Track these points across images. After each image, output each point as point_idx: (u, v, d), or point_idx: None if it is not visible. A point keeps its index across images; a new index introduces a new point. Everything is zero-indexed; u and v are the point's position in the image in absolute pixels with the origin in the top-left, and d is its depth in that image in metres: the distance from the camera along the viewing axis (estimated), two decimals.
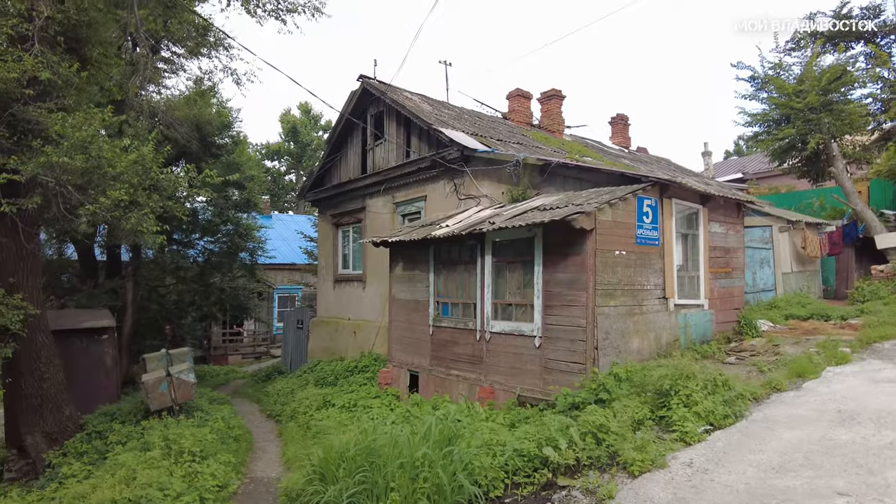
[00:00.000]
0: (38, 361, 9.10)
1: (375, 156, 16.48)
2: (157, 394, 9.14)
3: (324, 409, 10.82)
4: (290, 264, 31.67)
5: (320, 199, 19.05)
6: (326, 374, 14.58)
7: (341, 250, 18.31)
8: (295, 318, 20.01)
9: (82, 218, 8.05)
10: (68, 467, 7.97)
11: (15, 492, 7.50)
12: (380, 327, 15.60)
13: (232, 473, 7.22)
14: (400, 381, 11.90)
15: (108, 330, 11.29)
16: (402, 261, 12.16)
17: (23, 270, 9.05)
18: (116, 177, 8.26)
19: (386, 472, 5.24)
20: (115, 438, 8.59)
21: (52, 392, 9.23)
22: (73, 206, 8.39)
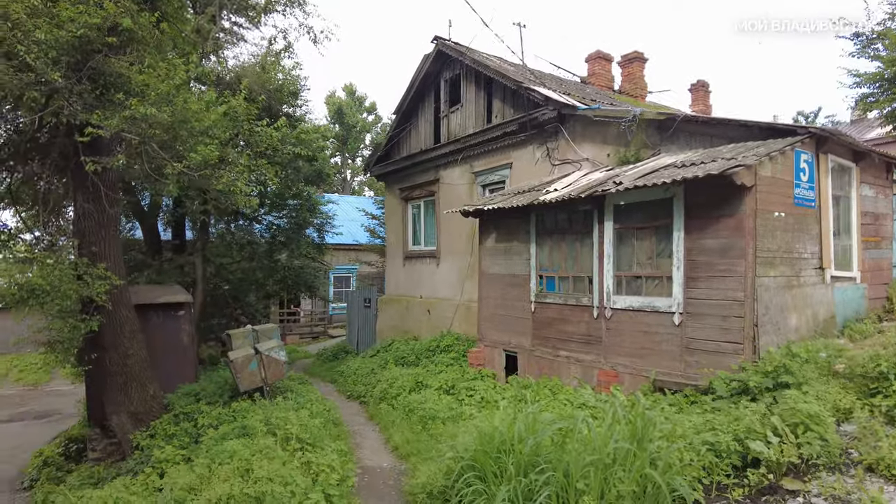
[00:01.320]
0: (122, 336, 8.44)
1: (451, 123, 15.40)
2: (246, 373, 8.38)
3: (417, 391, 9.93)
4: (344, 245, 31.07)
5: (388, 173, 18.12)
6: (405, 353, 13.73)
7: (411, 226, 17.37)
8: (361, 297, 19.25)
9: (169, 178, 7.25)
10: (160, 451, 7.26)
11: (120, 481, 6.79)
12: (458, 305, 14.66)
13: (348, 464, 6.36)
14: (494, 363, 10.91)
15: (184, 305, 10.62)
16: (496, 232, 11.10)
17: (104, 239, 8.37)
18: (205, 131, 7.42)
19: (568, 470, 4.22)
20: (205, 421, 7.86)
21: (136, 369, 8.57)
22: (158, 166, 7.59)
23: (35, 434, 17.11)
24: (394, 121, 17.55)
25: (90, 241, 8.19)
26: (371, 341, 18.31)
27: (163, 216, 17.14)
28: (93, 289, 7.57)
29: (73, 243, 7.97)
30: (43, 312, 7.46)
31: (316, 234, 18.50)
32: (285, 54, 10.96)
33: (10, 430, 17.84)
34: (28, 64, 6.63)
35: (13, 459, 14.29)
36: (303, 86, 15.24)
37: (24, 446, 15.73)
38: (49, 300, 7.31)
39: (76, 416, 19.17)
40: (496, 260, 11.06)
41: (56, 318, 7.47)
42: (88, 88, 7.32)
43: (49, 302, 7.29)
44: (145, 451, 7.87)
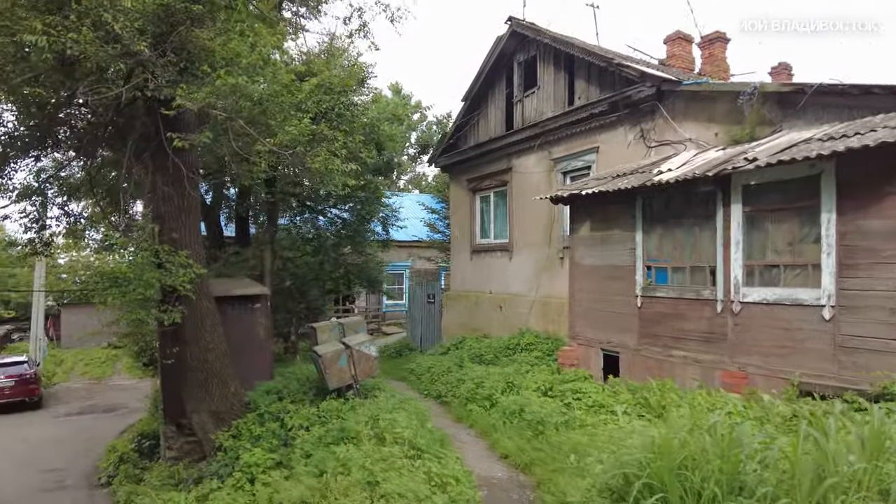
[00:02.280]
0: (203, 330, 7.91)
1: (525, 108, 14.52)
2: (335, 369, 7.73)
3: (510, 392, 9.12)
4: (396, 241, 30.48)
5: (453, 164, 17.37)
6: (481, 351, 12.95)
7: (479, 218, 16.57)
8: (425, 293, 18.58)
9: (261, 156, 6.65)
10: (248, 454, 6.67)
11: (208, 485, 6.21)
12: (533, 301, 13.79)
13: (470, 476, 5.59)
14: (590, 363, 9.99)
15: (260, 298, 10.10)
16: (591, 219, 10.17)
17: (185, 226, 7.86)
18: (297, 105, 6.77)
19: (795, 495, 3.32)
20: (294, 421, 7.24)
21: (217, 365, 8.04)
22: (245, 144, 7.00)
23: (104, 427, 17.13)
24: (461, 109, 16.78)
25: (170, 227, 7.69)
26: (435, 338, 17.61)
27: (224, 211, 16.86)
28: (176, 278, 7.04)
29: (154, 229, 7.48)
30: (123, 303, 6.96)
31: (380, 227, 17.87)
32: (360, 34, 10.34)
33: (81, 422, 17.95)
34: (115, 34, 6.12)
35: (88, 452, 14.22)
36: (370, 73, 14.61)
37: (95, 439, 15.71)
38: (131, 289, 6.81)
39: (141, 411, 19.17)
40: (592, 250, 10.13)
41: (137, 309, 6.97)
42: (173, 60, 6.78)
43: (131, 291, 6.79)
44: (229, 453, 7.31)
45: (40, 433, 16.73)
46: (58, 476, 11.87)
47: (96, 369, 28.86)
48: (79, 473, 12.02)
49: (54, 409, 20.59)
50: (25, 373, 20.17)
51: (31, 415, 19.56)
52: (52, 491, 10.55)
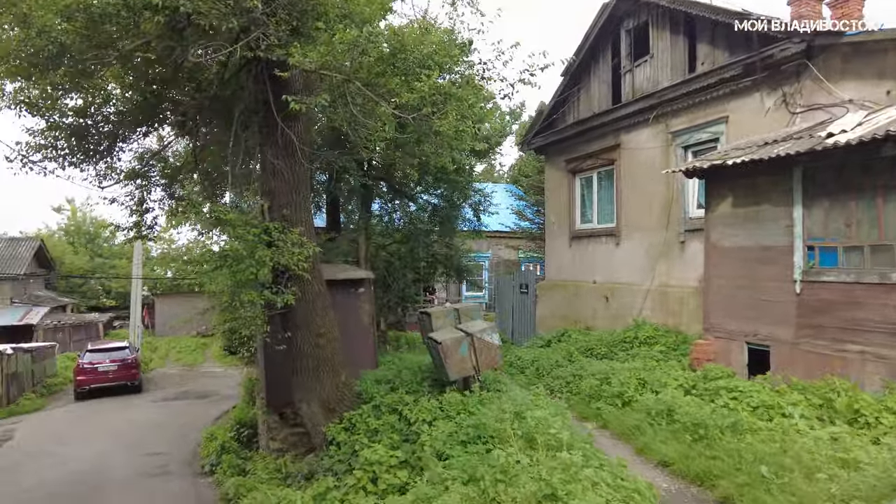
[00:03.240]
0: (315, 314, 7.37)
1: (636, 79, 13.28)
2: (456, 358, 6.99)
3: (643, 389, 8.06)
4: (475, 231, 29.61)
5: (549, 145, 16.31)
6: (590, 344, 11.93)
7: (579, 201, 15.44)
8: (517, 283, 17.66)
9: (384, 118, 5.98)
10: (369, 450, 6.02)
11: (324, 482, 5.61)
12: (647, 291, 12.58)
13: (652, 489, 4.67)
14: (731, 358, 8.77)
15: (364, 282, 9.53)
16: (733, 195, 8.91)
17: (295, 203, 7.33)
18: (422, 62, 6.03)
19: None
20: (415, 415, 6.53)
21: (328, 351, 7.48)
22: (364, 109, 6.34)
23: (199, 413, 17.37)
24: (559, 85, 15.66)
25: (280, 203, 7.18)
26: (529, 330, 16.67)
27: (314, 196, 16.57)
28: (290, 256, 6.49)
29: (263, 206, 6.98)
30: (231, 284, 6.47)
31: (471, 213, 17.03)
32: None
33: (177, 407, 18.31)
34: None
35: (185, 437, 14.32)
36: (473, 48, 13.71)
37: (191, 424, 15.87)
38: (243, 268, 6.31)
39: (233, 398, 19.39)
40: (734, 230, 8.88)
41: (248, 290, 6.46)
42: (285, 18, 6.19)
43: (243, 270, 6.29)
44: (343, 448, 6.71)
45: (141, 416, 17.14)
46: (161, 460, 11.86)
47: (188, 356, 29.89)
48: (180, 459, 11.98)
49: (152, 393, 21.24)
50: (127, 358, 20.87)
51: (133, 398, 20.22)
52: (158, 476, 10.47)
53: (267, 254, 6.38)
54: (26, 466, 12.20)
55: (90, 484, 10.37)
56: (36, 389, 21.28)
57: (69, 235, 45.11)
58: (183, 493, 9.26)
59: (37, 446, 14.16)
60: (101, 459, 12.21)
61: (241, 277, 6.41)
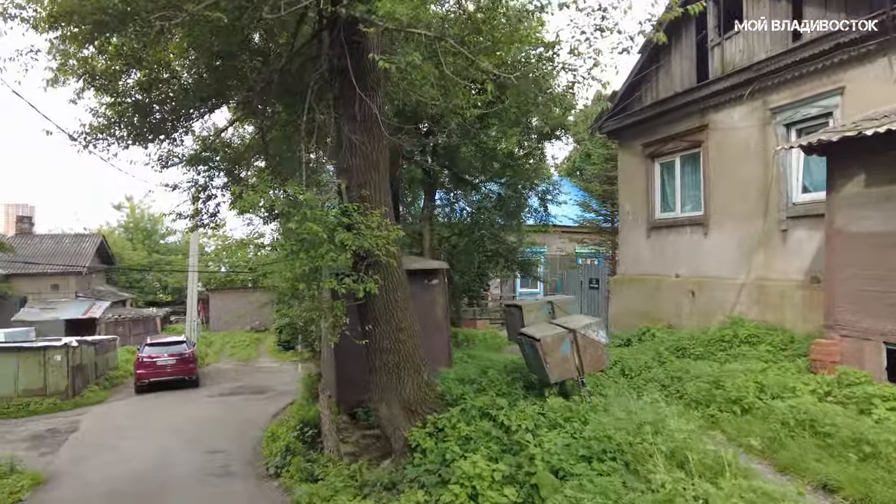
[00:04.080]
0: (395, 305, 6.63)
1: (726, 52, 12.07)
2: (558, 357, 6.12)
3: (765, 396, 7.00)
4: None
5: (624, 128, 15.18)
6: (680, 343, 10.84)
7: (659, 188, 14.29)
8: (586, 278, 16.58)
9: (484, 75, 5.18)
10: (466, 462, 5.21)
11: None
12: (742, 285, 11.39)
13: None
14: (863, 359, 7.59)
15: (437, 273, 8.77)
16: (866, 172, 7.72)
17: (375, 182, 6.61)
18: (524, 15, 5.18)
19: None
20: (515, 422, 5.70)
21: (409, 347, 6.74)
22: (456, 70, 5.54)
23: (256, 409, 17.05)
24: (635, 64, 14.54)
25: (359, 182, 6.47)
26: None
27: None
28: (374, 239, 5.76)
29: (341, 185, 6.28)
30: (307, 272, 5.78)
31: (538, 202, 16.01)
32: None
33: (234, 403, 18.07)
34: None
35: (244, 434, 13.94)
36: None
37: (249, 421, 15.53)
38: (323, 252, 5.61)
39: (289, 394, 19.04)
40: (866, 212, 7.69)
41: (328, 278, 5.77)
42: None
43: (323, 255, 5.59)
44: (430, 456, 5.94)
45: (199, 411, 16.95)
46: (223, 459, 11.44)
47: (242, 351, 29.97)
48: (242, 458, 11.53)
49: (209, 388, 21.16)
50: (185, 352, 20.84)
51: (190, 392, 20.16)
52: (221, 476, 10.00)
53: (348, 237, 5.66)
54: (90, 461, 12.02)
55: (153, 482, 9.99)
56: (99, 382, 21.51)
57: (128, 232, 46.33)
58: (249, 497, 8.72)
59: (100, 439, 14.07)
60: (163, 456, 11.90)
61: (320, 263, 5.72)
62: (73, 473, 11.13)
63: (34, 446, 13.84)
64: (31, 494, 9.82)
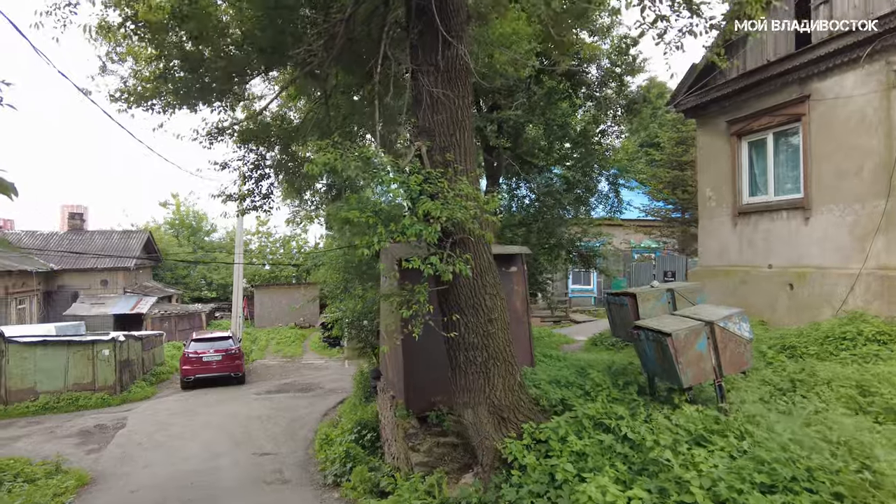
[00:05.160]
0: (484, 292, 5.56)
1: (835, 9, 10.56)
2: (692, 355, 4.95)
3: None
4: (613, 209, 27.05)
5: (704, 106, 13.73)
6: (788, 342, 9.44)
7: (747, 170, 12.83)
8: (660, 271, 15.26)
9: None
10: (594, 487, 4.10)
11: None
12: (857, 275, 9.90)
13: None
14: None
15: (516, 260, 7.67)
16: None
17: (459, 145, 5.55)
18: None
19: None
20: (641, 434, 4.55)
21: (500, 342, 5.66)
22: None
23: (303, 408, 16.34)
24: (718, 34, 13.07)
25: (442, 144, 5.43)
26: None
27: None
28: (462, 210, 4.70)
29: (421, 148, 5.25)
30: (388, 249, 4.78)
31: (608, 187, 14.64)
32: None
33: (281, 401, 17.40)
34: None
35: (293, 435, 13.19)
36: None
37: (298, 420, 14.79)
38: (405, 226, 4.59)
39: (338, 392, 18.30)
40: None
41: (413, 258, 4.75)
42: None
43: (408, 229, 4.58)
44: (533, 474, 4.85)
45: (246, 410, 16.33)
46: (274, 463, 10.63)
47: (287, 348, 29.49)
48: (294, 462, 10.70)
49: (255, 385, 20.61)
50: (231, 348, 20.34)
51: (236, 390, 19.63)
52: (273, 485, 9.15)
53: (435, 206, 4.62)
54: (137, 461, 11.41)
55: (202, 489, 9.23)
56: (146, 377, 21.24)
57: (174, 228, 46.76)
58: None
59: (147, 437, 13.55)
60: (212, 459, 11.18)
61: (400, 240, 4.70)
62: (119, 474, 10.52)
63: (82, 443, 13.45)
64: (76, 498, 9.19)
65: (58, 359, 17.91)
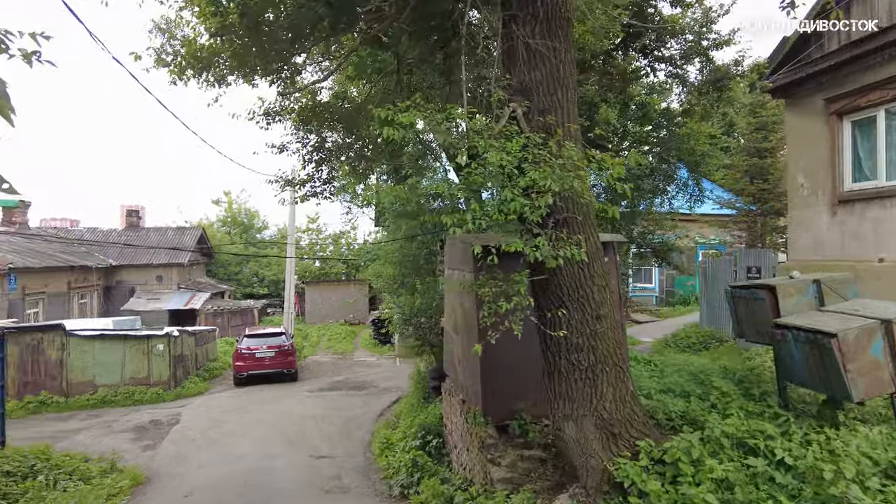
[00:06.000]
0: (591, 283, 4.68)
1: None
2: (865, 362, 3.92)
3: None
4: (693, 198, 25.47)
5: (797, 82, 12.38)
6: None
7: (849, 152, 11.44)
8: (742, 266, 13.92)
9: None
10: None
11: None
12: None
13: None
14: None
15: (608, 249, 6.71)
16: None
17: (562, 106, 4.67)
18: None
19: None
20: (806, 459, 3.59)
21: (610, 343, 4.77)
22: None
23: (357, 407, 15.76)
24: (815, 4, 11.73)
25: (541, 106, 4.57)
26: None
27: None
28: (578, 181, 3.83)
29: (517, 109, 4.41)
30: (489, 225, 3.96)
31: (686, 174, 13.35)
32: None
33: (334, 399, 16.87)
34: None
35: (349, 436, 12.58)
36: None
37: (353, 420, 14.20)
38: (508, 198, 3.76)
39: (392, 391, 17.63)
40: None
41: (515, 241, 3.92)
42: None
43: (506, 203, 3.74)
44: (655, 502, 3.93)
45: (300, 408, 15.88)
46: (332, 467, 10.02)
47: (338, 344, 29.16)
48: (353, 466, 10.05)
49: (308, 382, 20.23)
50: (283, 344, 20.03)
51: (288, 387, 19.27)
52: (333, 493, 8.50)
53: (543, 175, 3.76)
54: (191, 460, 11.02)
55: (258, 493, 8.67)
56: (199, 373, 21.17)
57: (226, 226, 47.42)
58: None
59: (201, 433, 13.23)
60: (266, 459, 10.67)
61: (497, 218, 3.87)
62: (174, 474, 10.11)
63: (137, 438, 13.24)
64: (130, 499, 8.77)
65: (115, 353, 17.94)
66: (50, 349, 17.25)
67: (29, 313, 23.38)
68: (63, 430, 14.10)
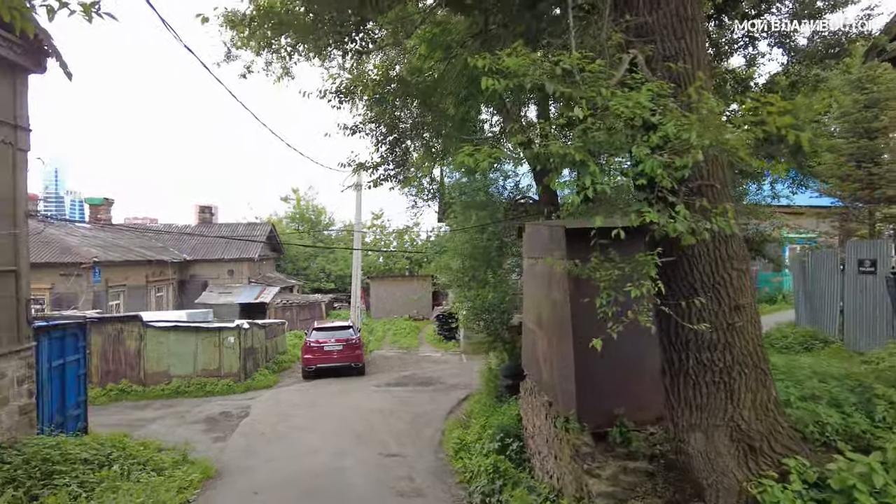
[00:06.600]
0: (728, 267, 3.86)
1: None
2: None
3: None
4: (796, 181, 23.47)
5: None
6: None
7: None
8: (852, 259, 12.41)
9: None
10: None
11: None
12: None
13: None
14: None
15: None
16: None
17: (690, 52, 3.88)
18: None
19: None
20: None
21: (749, 340, 3.95)
22: None
23: (425, 403, 15.26)
24: None
25: (665, 51, 3.81)
26: (879, 329, 11.40)
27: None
28: (731, 133, 3.06)
29: (637, 56, 3.66)
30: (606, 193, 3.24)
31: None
32: None
33: (401, 395, 16.46)
34: None
35: (419, 435, 12.07)
36: None
37: (421, 417, 13.69)
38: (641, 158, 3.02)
39: (460, 388, 17.01)
40: None
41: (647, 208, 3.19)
42: None
43: (641, 162, 3.01)
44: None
45: (368, 403, 15.58)
46: (403, 467, 9.53)
47: (404, 339, 28.95)
48: (425, 468, 9.52)
49: (375, 377, 19.99)
50: (351, 338, 19.88)
51: (356, 381, 19.09)
52: (408, 497, 7.96)
53: (688, 128, 3.00)
54: (260, 454, 10.84)
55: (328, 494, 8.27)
56: (268, 365, 21.35)
57: (294, 222, 48.36)
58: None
59: (270, 427, 13.12)
60: (336, 457, 10.32)
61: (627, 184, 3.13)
62: (243, 468, 9.92)
63: (209, 429, 13.29)
64: (200, 494, 8.57)
65: (188, 344, 18.27)
66: (129, 339, 17.74)
67: (111, 305, 24.36)
68: (140, 419, 14.37)
